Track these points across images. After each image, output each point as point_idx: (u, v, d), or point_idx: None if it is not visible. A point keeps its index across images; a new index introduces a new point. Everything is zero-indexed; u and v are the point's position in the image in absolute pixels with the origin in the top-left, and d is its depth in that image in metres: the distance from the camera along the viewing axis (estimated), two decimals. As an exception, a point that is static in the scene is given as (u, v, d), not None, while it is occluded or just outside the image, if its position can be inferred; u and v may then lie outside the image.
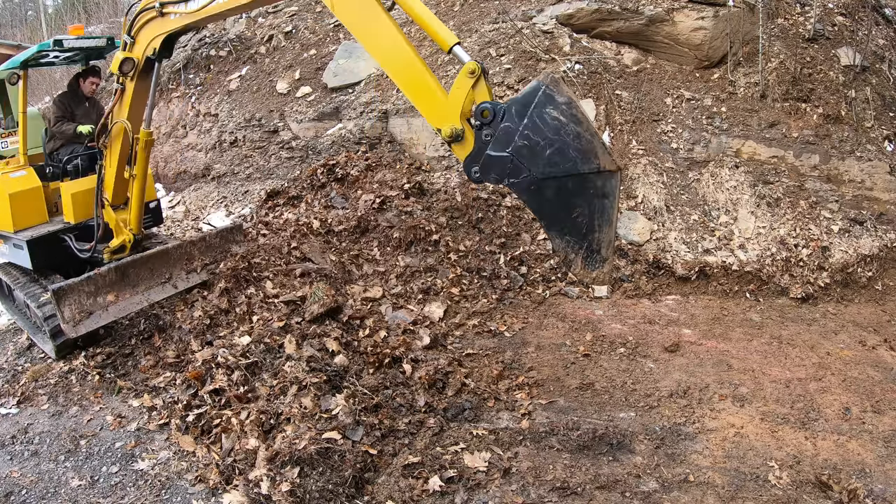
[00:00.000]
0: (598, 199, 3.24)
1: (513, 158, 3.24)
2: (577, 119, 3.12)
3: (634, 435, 4.22)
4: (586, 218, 3.27)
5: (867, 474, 3.88)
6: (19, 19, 33.53)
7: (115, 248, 5.58)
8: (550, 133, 3.13)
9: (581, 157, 3.14)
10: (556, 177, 3.20)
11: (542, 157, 3.17)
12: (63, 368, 5.19)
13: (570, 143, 3.13)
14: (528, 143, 3.18)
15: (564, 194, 3.25)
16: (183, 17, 4.50)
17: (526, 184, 3.27)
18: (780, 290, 6.48)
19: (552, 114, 3.12)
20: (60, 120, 5.95)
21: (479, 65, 3.31)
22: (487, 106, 3.34)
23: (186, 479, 3.87)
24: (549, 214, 3.38)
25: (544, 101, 3.13)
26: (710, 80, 8.26)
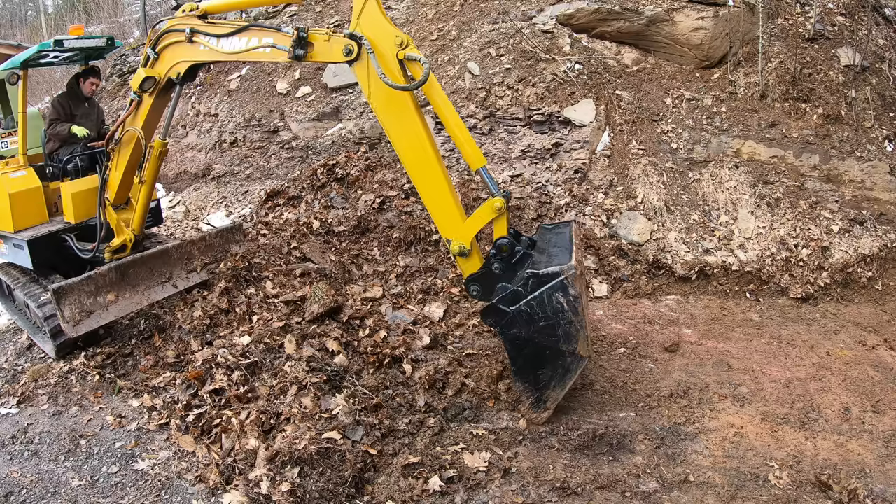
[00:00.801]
0: (563, 370, 3.92)
1: (513, 316, 3.81)
2: (576, 311, 3.71)
3: (634, 435, 4.22)
4: (547, 378, 3.97)
5: (867, 474, 3.88)
6: (19, 19, 33.54)
7: (116, 248, 5.59)
8: (550, 311, 3.72)
9: (565, 338, 3.78)
10: (538, 342, 3.83)
11: (536, 326, 3.78)
12: (63, 368, 5.19)
13: (561, 325, 3.74)
14: (528, 311, 3.75)
15: (539, 357, 3.90)
16: (211, 52, 4.45)
17: (513, 337, 3.88)
18: (780, 290, 6.48)
19: (559, 299, 3.68)
20: (55, 121, 5.95)
21: (505, 200, 3.79)
22: (505, 242, 3.88)
23: (186, 479, 3.87)
24: (521, 365, 4.00)
25: (559, 287, 3.66)
26: (710, 80, 8.26)
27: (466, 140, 3.84)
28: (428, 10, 10.23)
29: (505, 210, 3.81)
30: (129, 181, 5.47)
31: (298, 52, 4.00)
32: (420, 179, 3.98)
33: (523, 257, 3.97)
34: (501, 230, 3.90)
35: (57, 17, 29.53)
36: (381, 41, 3.83)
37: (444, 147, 8.21)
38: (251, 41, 4.23)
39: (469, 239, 3.89)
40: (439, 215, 3.98)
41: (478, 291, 4.04)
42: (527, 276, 3.75)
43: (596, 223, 7.12)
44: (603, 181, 7.50)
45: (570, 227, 4.49)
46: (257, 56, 4.27)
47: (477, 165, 3.85)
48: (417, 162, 3.94)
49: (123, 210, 5.61)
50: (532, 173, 7.72)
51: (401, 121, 3.88)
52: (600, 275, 6.71)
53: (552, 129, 7.80)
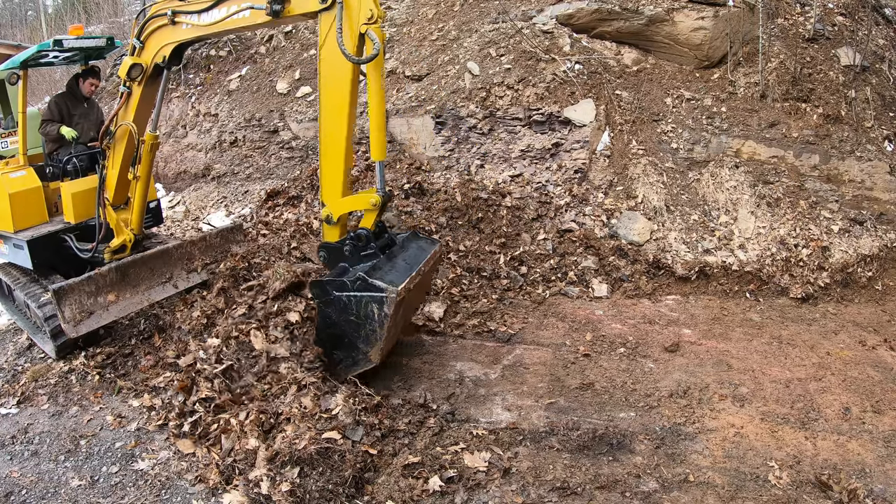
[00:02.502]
0: (352, 362, 4.38)
1: (333, 300, 4.20)
2: (382, 325, 4.08)
3: (634, 435, 4.22)
4: (339, 360, 4.43)
5: (867, 474, 3.88)
6: (19, 19, 33.54)
7: (116, 248, 5.59)
8: (362, 314, 4.10)
9: (364, 340, 4.21)
10: (341, 332, 4.28)
11: (346, 318, 4.19)
12: (63, 368, 5.18)
13: (366, 328, 4.15)
14: (346, 304, 4.14)
15: (340, 341, 4.35)
16: (194, 29, 4.51)
17: (326, 315, 4.29)
18: (780, 290, 6.48)
19: (373, 309, 4.05)
20: (46, 121, 5.95)
21: (383, 199, 4.11)
22: (363, 234, 4.22)
23: (186, 479, 3.87)
24: (323, 338, 4.43)
25: (377, 300, 4.02)
26: (710, 80, 8.26)
27: (378, 129, 3.98)
28: (428, 10, 10.23)
29: (378, 208, 4.11)
30: (126, 179, 5.47)
31: (276, 8, 3.96)
32: (326, 145, 4.15)
33: (372, 255, 4.28)
34: (367, 222, 4.20)
35: (57, 17, 29.53)
36: (355, 8, 3.85)
37: (443, 148, 8.21)
38: (231, 8, 4.27)
39: (339, 213, 4.21)
40: (327, 181, 4.23)
41: (324, 258, 4.45)
42: (358, 277, 4.05)
43: (596, 223, 7.12)
44: (603, 181, 7.50)
45: (434, 248, 4.76)
46: (238, 23, 4.31)
47: (376, 158, 4.04)
48: (331, 128, 4.09)
49: (123, 210, 5.60)
50: (532, 173, 7.72)
51: (336, 85, 3.99)
52: (600, 275, 6.71)
53: (552, 129, 7.80)
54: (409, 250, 4.58)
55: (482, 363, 5.20)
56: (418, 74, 9.00)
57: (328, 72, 4.01)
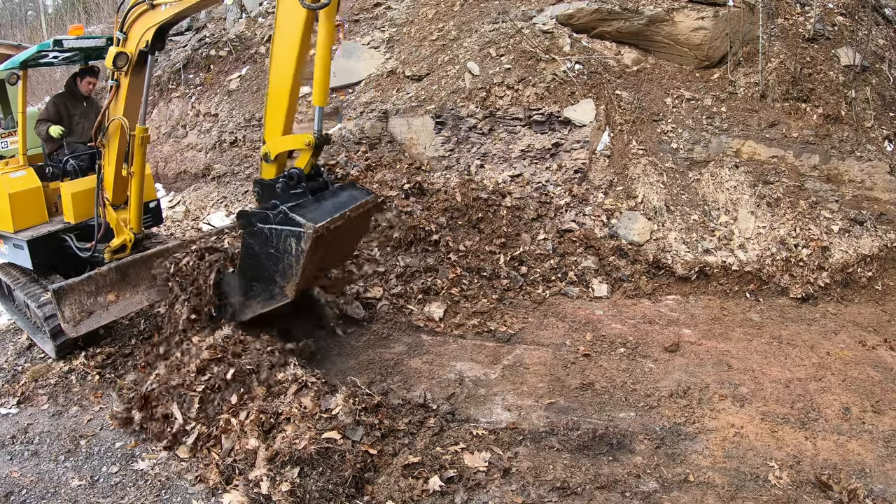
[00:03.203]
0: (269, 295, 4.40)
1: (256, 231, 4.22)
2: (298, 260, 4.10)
3: (634, 435, 4.22)
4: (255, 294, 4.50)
5: (867, 474, 3.88)
6: (19, 19, 33.53)
7: (116, 248, 5.58)
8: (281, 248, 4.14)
9: (280, 274, 4.24)
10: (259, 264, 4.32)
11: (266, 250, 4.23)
12: (63, 368, 5.19)
13: (283, 262, 4.16)
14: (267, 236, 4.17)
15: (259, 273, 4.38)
16: (173, 7, 4.62)
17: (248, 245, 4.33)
18: (780, 290, 6.48)
19: (291, 243, 4.08)
20: (40, 121, 5.95)
21: (314, 140, 4.18)
22: (295, 174, 4.30)
23: (186, 479, 3.87)
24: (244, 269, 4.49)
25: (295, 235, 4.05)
26: (710, 80, 8.26)
27: (322, 75, 4.13)
28: (428, 10, 10.23)
29: (311, 149, 4.22)
30: (122, 176, 5.46)
31: None
32: (273, 85, 4.26)
33: (301, 195, 4.33)
34: (302, 163, 4.30)
35: (57, 17, 29.52)
36: None
37: (443, 148, 8.21)
38: None
39: (276, 151, 4.30)
40: (269, 120, 4.33)
41: (258, 194, 4.53)
42: (280, 211, 4.09)
43: (596, 223, 7.12)
44: (603, 181, 7.50)
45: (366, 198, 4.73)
46: None
47: (317, 103, 4.19)
48: (279, 70, 4.20)
49: (123, 210, 5.59)
50: (532, 173, 7.72)
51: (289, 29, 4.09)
52: (600, 275, 6.71)
53: (552, 129, 7.80)
54: (340, 197, 4.62)
55: (482, 363, 5.20)
56: (418, 74, 9.00)
57: (283, 16, 4.13)
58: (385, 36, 10.05)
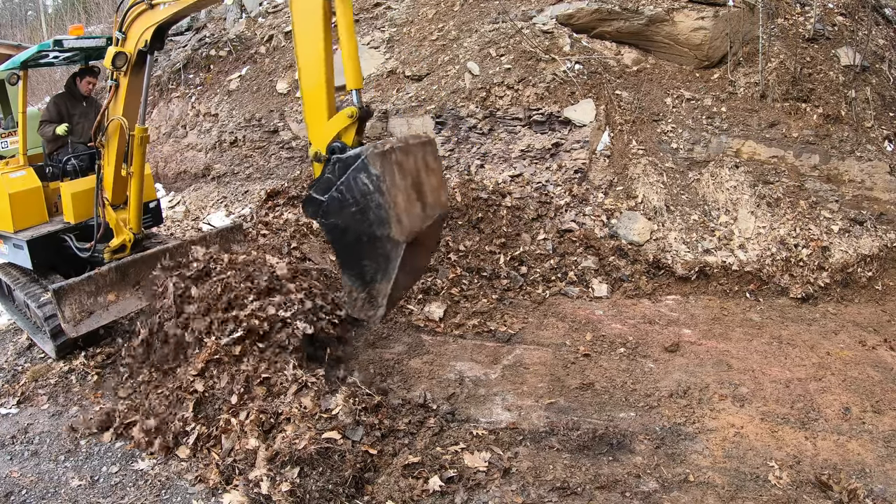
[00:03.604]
0: (383, 258, 3.68)
1: (328, 204, 3.71)
2: (381, 191, 3.55)
3: (634, 435, 4.22)
4: (371, 269, 3.74)
5: (867, 474, 3.88)
6: (19, 19, 33.54)
7: (116, 248, 5.58)
8: (359, 195, 3.59)
9: (377, 222, 3.59)
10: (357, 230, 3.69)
11: (349, 212, 3.65)
12: (63, 368, 5.19)
13: (371, 208, 3.58)
14: (339, 198, 3.65)
15: (360, 245, 3.74)
16: (171, 6, 4.57)
17: (333, 227, 3.76)
18: (780, 290, 6.48)
19: (363, 180, 3.55)
20: (44, 122, 5.95)
21: (359, 111, 3.82)
22: (337, 146, 3.83)
23: (186, 479, 3.87)
24: (345, 257, 3.83)
25: (361, 168, 3.55)
26: (710, 80, 8.26)
27: (351, 57, 3.84)
28: (428, 10, 10.23)
29: (356, 121, 3.85)
30: (121, 176, 5.45)
31: None
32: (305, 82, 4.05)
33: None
34: (347, 139, 3.90)
35: (57, 17, 29.53)
36: None
37: (443, 148, 8.21)
38: None
39: (324, 145, 3.90)
40: (311, 121, 4.05)
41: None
42: (334, 162, 3.70)
43: (596, 223, 7.12)
44: (603, 181, 7.50)
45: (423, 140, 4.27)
46: None
47: (352, 86, 3.86)
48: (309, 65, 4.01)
49: (123, 210, 5.58)
50: (532, 173, 7.72)
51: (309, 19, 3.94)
52: (600, 275, 6.71)
53: (552, 129, 7.80)
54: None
55: (482, 363, 5.21)
56: (418, 74, 9.00)
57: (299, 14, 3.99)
58: (385, 36, 10.05)
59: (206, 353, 4.42)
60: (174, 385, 4.36)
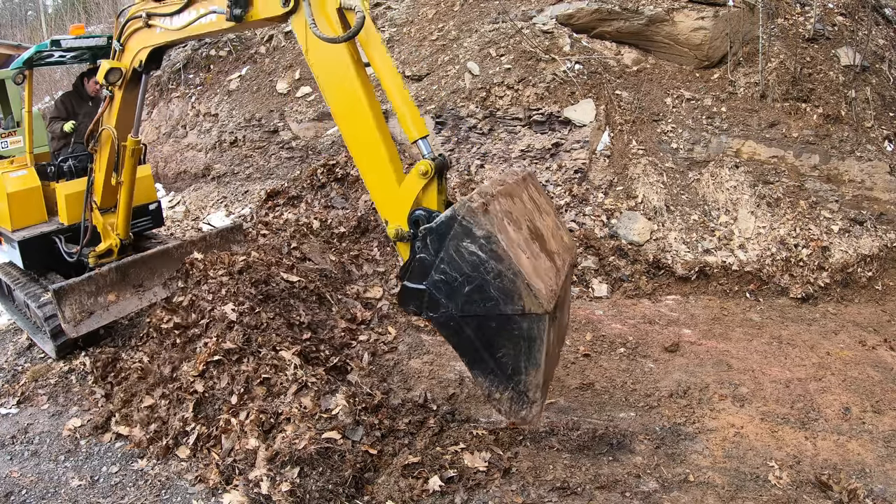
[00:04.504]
0: (524, 340, 2.92)
1: (430, 292, 2.95)
2: (497, 256, 2.79)
3: (634, 435, 4.22)
4: (511, 359, 2.97)
5: (867, 474, 3.88)
6: (19, 19, 33.55)
7: (102, 253, 5.51)
8: (468, 269, 2.84)
9: (503, 298, 2.83)
10: (477, 315, 2.91)
11: (461, 294, 2.88)
12: (63, 368, 5.18)
13: (490, 282, 2.82)
14: (444, 278, 2.89)
15: (487, 333, 2.96)
16: (167, 33, 4.30)
17: (445, 319, 2.99)
18: (780, 290, 6.48)
19: (470, 248, 2.81)
20: (54, 119, 5.96)
21: (433, 165, 3.04)
22: (421, 215, 3.04)
23: (186, 479, 3.87)
24: (471, 352, 3.04)
25: (461, 234, 2.81)
26: (710, 80, 8.26)
27: (405, 103, 3.17)
28: (428, 10, 10.23)
29: (434, 175, 3.05)
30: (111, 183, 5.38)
31: (236, 12, 3.55)
32: (357, 150, 3.38)
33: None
34: (429, 201, 3.11)
35: (57, 17, 29.53)
36: None
37: (443, 148, 8.21)
38: (199, 11, 3.94)
39: (403, 218, 3.12)
40: (377, 191, 3.33)
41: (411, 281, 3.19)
42: (423, 235, 2.93)
43: (596, 223, 7.12)
44: (603, 181, 7.50)
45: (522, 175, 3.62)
46: (205, 28, 3.97)
47: (416, 136, 3.17)
48: (354, 129, 3.36)
49: (111, 214, 5.49)
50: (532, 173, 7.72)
51: (336, 79, 3.34)
52: (600, 275, 6.71)
53: (552, 129, 7.80)
54: None
55: (482, 363, 5.20)
56: (418, 74, 9.00)
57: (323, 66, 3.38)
58: (385, 36, 10.06)
59: (205, 354, 4.43)
60: (174, 385, 4.36)
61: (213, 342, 4.49)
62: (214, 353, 4.43)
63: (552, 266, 3.11)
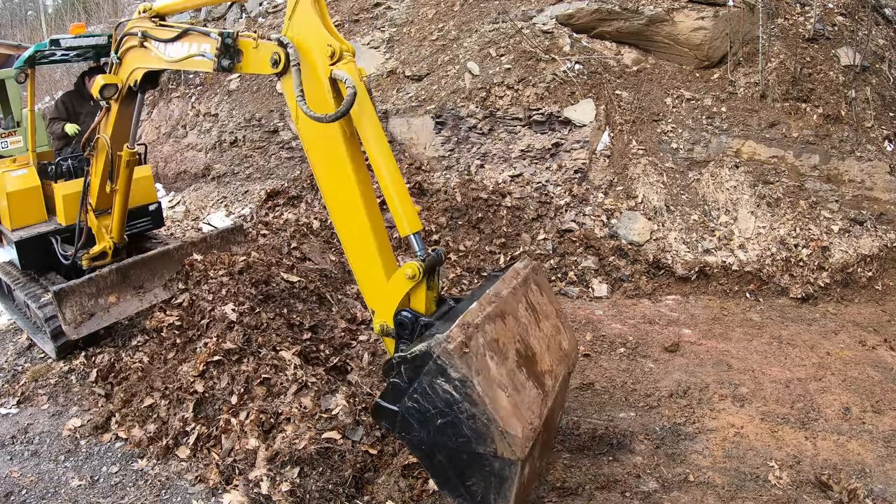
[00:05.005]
0: (495, 478, 2.83)
1: (403, 416, 2.84)
2: (472, 400, 2.69)
3: (634, 435, 4.22)
4: (482, 490, 2.88)
5: (867, 474, 3.88)
6: (19, 19, 33.54)
7: (96, 255, 5.48)
8: (442, 405, 2.73)
9: (476, 438, 2.73)
10: (447, 447, 2.81)
11: (434, 425, 2.79)
12: (63, 368, 5.18)
13: (463, 421, 2.73)
14: (418, 407, 2.79)
15: (458, 463, 2.86)
16: (159, 60, 4.15)
17: (417, 442, 2.89)
18: (780, 290, 6.48)
19: (444, 386, 2.70)
20: (53, 120, 5.94)
21: (421, 267, 2.92)
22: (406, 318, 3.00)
23: (186, 479, 3.87)
24: (442, 477, 2.95)
25: (435, 371, 2.70)
26: (710, 80, 8.26)
27: (399, 193, 2.99)
28: (428, 10, 10.23)
29: (422, 277, 2.96)
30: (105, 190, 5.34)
31: (224, 63, 3.42)
32: (344, 234, 3.22)
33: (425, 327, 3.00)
34: (418, 303, 3.04)
35: (57, 17, 29.53)
36: (312, 50, 3.03)
37: (443, 148, 8.21)
38: (191, 48, 3.76)
39: (389, 314, 3.05)
40: (363, 282, 3.21)
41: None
42: (398, 362, 2.80)
43: (596, 223, 7.12)
44: (603, 181, 7.50)
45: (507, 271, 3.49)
46: (195, 65, 3.79)
47: (407, 232, 3.01)
48: (341, 213, 3.18)
49: (106, 216, 5.46)
50: (532, 173, 7.72)
51: (325, 156, 3.14)
52: (600, 275, 6.71)
53: (552, 129, 7.80)
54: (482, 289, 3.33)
55: (482, 363, 5.20)
56: (418, 74, 9.00)
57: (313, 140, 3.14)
58: (385, 36, 10.05)
59: (205, 354, 4.43)
60: (174, 385, 4.36)
61: (214, 342, 4.49)
62: (214, 353, 4.43)
63: (539, 393, 3.02)
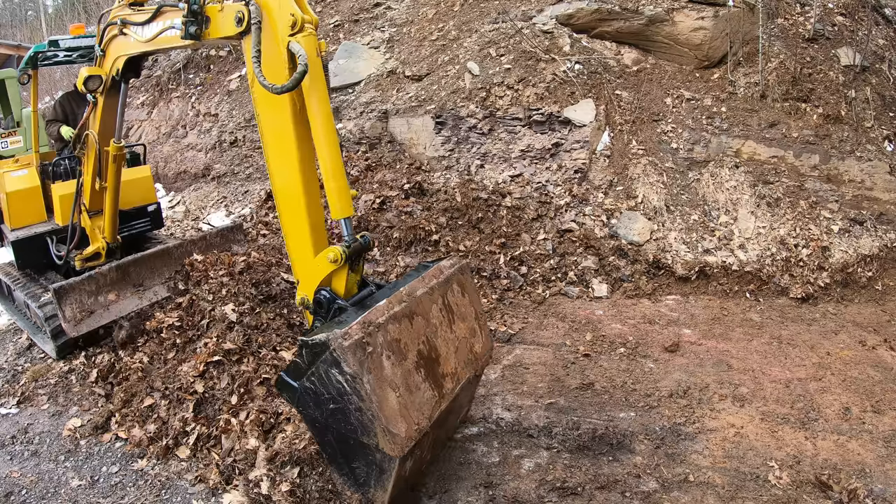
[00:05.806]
0: (376, 467, 3.01)
1: (301, 393, 2.99)
2: (360, 396, 2.82)
3: (634, 435, 4.22)
4: (364, 473, 3.08)
5: (867, 474, 3.88)
6: (19, 19, 33.54)
7: (89, 256, 5.49)
8: (334, 392, 2.88)
9: (361, 429, 2.89)
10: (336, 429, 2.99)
11: (326, 408, 2.94)
12: (63, 368, 5.18)
13: (351, 412, 2.88)
14: (314, 389, 2.94)
15: (345, 446, 3.04)
16: (136, 44, 4.19)
17: (311, 419, 3.07)
18: (780, 290, 6.48)
19: (336, 377, 2.84)
20: (50, 121, 5.95)
21: (344, 253, 3.05)
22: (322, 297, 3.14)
23: (186, 479, 3.87)
24: (330, 453, 3.18)
25: (331, 362, 2.83)
26: (710, 80, 8.26)
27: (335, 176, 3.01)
28: (428, 10, 10.23)
29: (343, 261, 3.07)
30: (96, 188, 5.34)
31: (191, 30, 3.39)
32: (281, 206, 3.29)
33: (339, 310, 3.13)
34: (339, 285, 3.17)
35: (57, 17, 29.52)
36: (274, 13, 3.01)
37: (443, 148, 8.20)
38: (164, 23, 3.76)
39: (311, 291, 3.19)
40: (293, 255, 3.32)
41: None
42: (300, 345, 2.93)
43: (596, 223, 7.12)
44: (603, 181, 7.50)
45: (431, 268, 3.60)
46: (167, 42, 3.82)
47: (337, 216, 3.06)
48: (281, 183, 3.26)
49: (99, 217, 5.46)
50: (532, 173, 7.72)
51: (272, 126, 3.17)
52: (600, 275, 6.71)
53: (552, 129, 7.80)
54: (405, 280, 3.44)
55: (482, 363, 5.20)
56: (418, 74, 9.00)
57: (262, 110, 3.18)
58: (385, 36, 10.05)
59: (205, 354, 4.43)
60: (174, 385, 4.36)
61: (214, 342, 4.49)
62: (214, 353, 4.43)
63: (433, 395, 3.15)
